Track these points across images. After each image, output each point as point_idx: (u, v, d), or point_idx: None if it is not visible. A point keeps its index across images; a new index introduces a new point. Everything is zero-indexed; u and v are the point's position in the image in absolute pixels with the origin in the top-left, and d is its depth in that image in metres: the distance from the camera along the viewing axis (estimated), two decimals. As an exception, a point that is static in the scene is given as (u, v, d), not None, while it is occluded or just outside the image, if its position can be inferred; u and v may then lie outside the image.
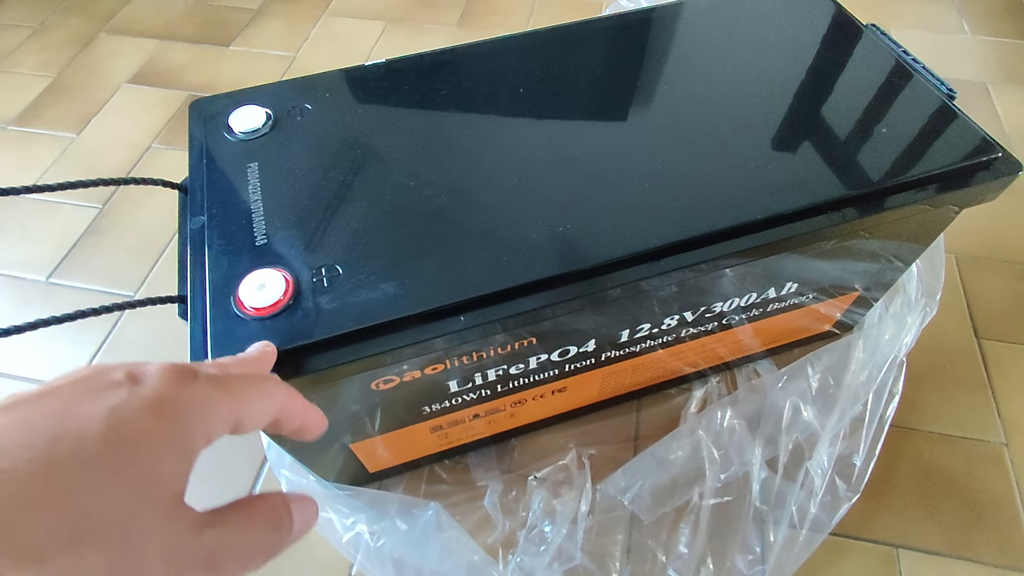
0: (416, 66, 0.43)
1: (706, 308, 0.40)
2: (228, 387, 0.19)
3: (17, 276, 0.62)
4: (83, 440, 0.15)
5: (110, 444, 0.15)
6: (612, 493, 0.45)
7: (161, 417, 0.16)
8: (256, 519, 0.18)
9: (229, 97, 0.41)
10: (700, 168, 0.36)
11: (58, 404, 0.15)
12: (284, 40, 0.84)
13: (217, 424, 0.18)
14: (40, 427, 0.15)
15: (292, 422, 0.22)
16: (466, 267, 0.32)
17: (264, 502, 0.19)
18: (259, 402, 0.20)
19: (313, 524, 0.21)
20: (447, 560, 0.40)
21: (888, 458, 0.47)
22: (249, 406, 0.19)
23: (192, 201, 0.36)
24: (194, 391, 0.17)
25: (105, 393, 0.16)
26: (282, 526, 0.19)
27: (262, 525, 0.19)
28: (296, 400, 0.22)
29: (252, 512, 0.18)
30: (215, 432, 0.18)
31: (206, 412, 0.17)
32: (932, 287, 0.48)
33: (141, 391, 0.16)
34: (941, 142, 0.37)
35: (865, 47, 0.43)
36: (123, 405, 0.16)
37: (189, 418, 0.17)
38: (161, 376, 0.17)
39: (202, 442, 0.17)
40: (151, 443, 0.16)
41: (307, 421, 0.23)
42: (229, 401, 0.18)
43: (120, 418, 0.16)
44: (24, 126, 0.75)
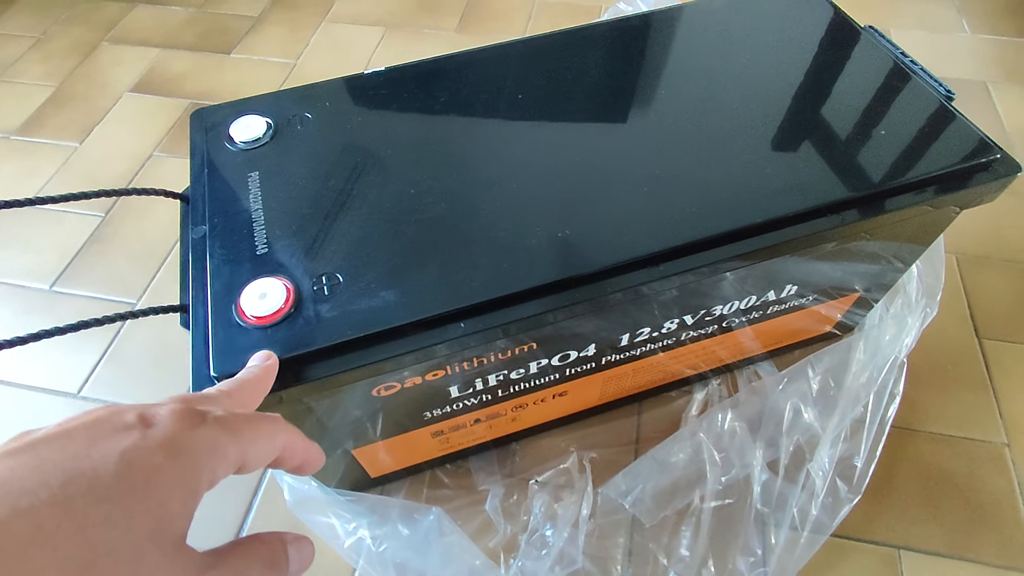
0: (415, 74, 0.43)
1: (706, 311, 0.40)
2: (234, 430, 0.19)
3: (21, 285, 0.62)
4: (96, 479, 0.15)
5: (122, 483, 0.16)
6: (613, 496, 0.45)
7: (171, 458, 0.17)
8: (254, 560, 0.19)
9: (230, 107, 0.41)
10: (700, 172, 0.36)
11: (72, 446, 0.16)
12: (284, 47, 0.85)
13: (223, 466, 0.18)
14: (55, 468, 0.15)
15: (293, 460, 0.22)
16: (466, 274, 0.32)
17: (262, 543, 0.20)
18: (263, 443, 0.20)
19: (309, 564, 0.21)
20: (449, 565, 0.40)
21: (889, 459, 0.47)
22: (254, 448, 0.20)
23: (193, 211, 0.36)
24: (202, 434, 0.18)
25: (118, 435, 0.17)
26: (279, 567, 0.20)
27: (260, 566, 0.19)
28: (297, 439, 0.22)
29: (250, 554, 0.19)
30: (220, 474, 0.18)
31: (213, 455, 0.18)
32: (932, 287, 0.48)
33: (153, 434, 0.17)
34: (940, 144, 0.37)
35: (863, 50, 0.43)
36: (136, 447, 0.16)
37: (198, 460, 0.17)
38: (171, 419, 0.18)
39: (207, 484, 0.18)
40: (161, 483, 0.16)
41: (307, 458, 0.23)
42: (235, 444, 0.19)
43: (132, 459, 0.16)
44: (27, 136, 0.76)
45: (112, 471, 0.16)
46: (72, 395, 0.54)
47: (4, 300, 0.61)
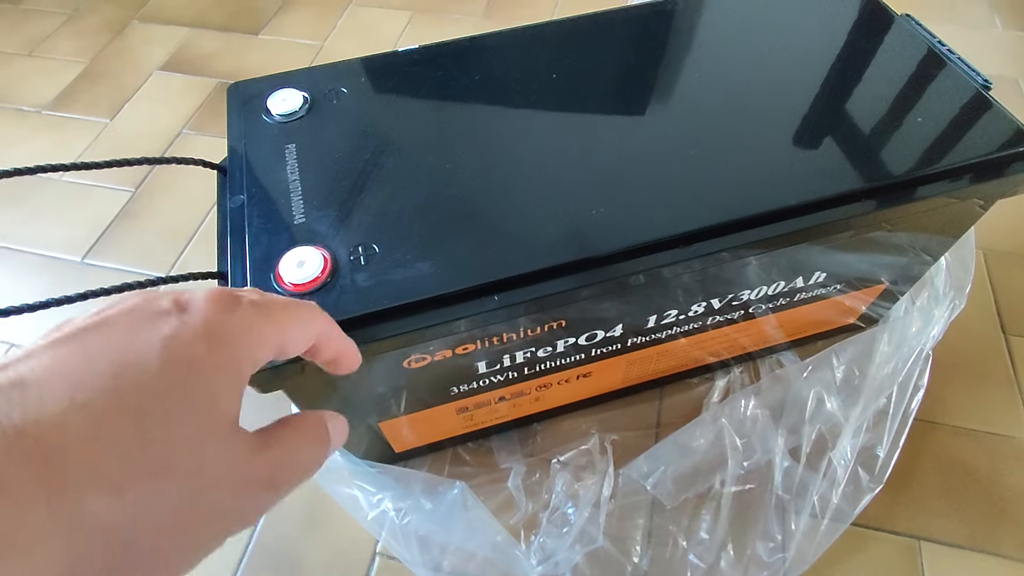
0: (449, 52, 0.43)
1: (734, 296, 0.40)
2: (271, 312, 0.19)
3: (54, 256, 0.63)
4: (144, 370, 0.15)
5: (168, 373, 0.15)
6: (635, 478, 0.45)
7: (212, 344, 0.16)
8: (303, 435, 0.20)
9: (267, 80, 0.42)
10: (730, 155, 0.36)
11: (115, 336, 0.16)
12: (312, 29, 0.85)
13: (263, 349, 0.18)
14: (102, 358, 0.15)
15: (328, 350, 0.22)
16: (500, 248, 0.32)
17: (306, 421, 0.20)
18: (300, 326, 0.20)
19: (344, 439, 0.22)
20: (472, 539, 0.41)
21: (911, 451, 0.47)
22: (291, 331, 0.20)
23: (231, 181, 0.37)
24: (239, 318, 0.18)
25: (156, 322, 0.16)
26: (323, 441, 0.20)
27: (309, 442, 0.20)
28: (334, 328, 0.22)
29: (299, 429, 0.20)
30: (262, 356, 0.18)
31: (252, 337, 0.18)
32: (961, 280, 0.47)
33: (190, 319, 0.17)
34: (977, 132, 0.36)
35: (899, 36, 0.42)
36: (175, 334, 0.16)
37: (238, 344, 0.17)
38: (207, 303, 0.17)
39: (250, 367, 0.18)
40: (206, 370, 0.16)
41: (342, 352, 0.23)
42: (273, 326, 0.19)
43: (174, 347, 0.16)
44: (58, 111, 0.77)
45: (156, 362, 0.15)
46: (102, 364, 0.56)
47: (37, 270, 0.62)
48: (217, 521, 0.16)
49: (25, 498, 0.13)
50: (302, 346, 0.21)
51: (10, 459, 0.13)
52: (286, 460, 0.18)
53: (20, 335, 0.58)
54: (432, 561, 0.43)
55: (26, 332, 0.58)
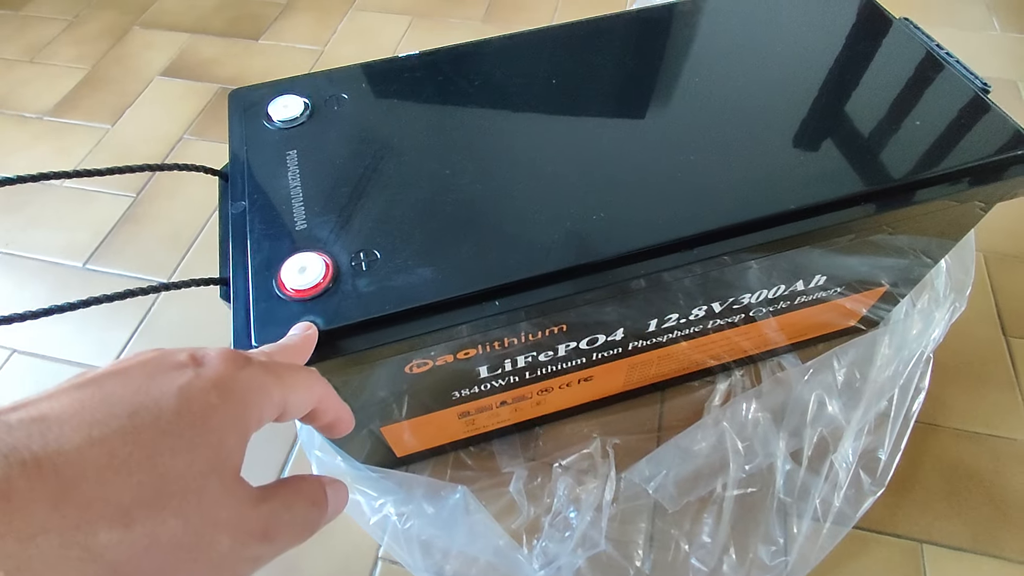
0: (450, 57, 0.43)
1: (734, 299, 0.40)
2: (278, 374, 0.20)
3: (55, 262, 0.63)
4: (160, 413, 0.16)
5: (182, 418, 0.16)
6: (637, 481, 0.45)
7: (224, 396, 0.18)
8: (300, 497, 0.20)
9: (268, 87, 0.42)
10: (731, 159, 0.36)
11: (132, 382, 0.17)
12: (312, 34, 0.85)
13: (269, 407, 0.19)
14: (120, 401, 0.16)
15: (327, 415, 0.23)
16: (501, 253, 0.33)
17: (306, 482, 0.21)
18: (302, 391, 0.21)
19: (344, 506, 0.22)
20: (474, 543, 0.41)
21: (913, 454, 0.47)
22: (294, 393, 0.21)
23: (233, 187, 0.37)
24: (251, 375, 0.19)
25: (173, 373, 0.17)
26: (321, 505, 0.21)
27: (305, 503, 0.20)
28: (331, 394, 0.23)
29: (297, 490, 0.20)
30: (267, 415, 0.19)
31: (261, 395, 0.19)
32: (962, 282, 0.48)
33: (205, 372, 0.18)
34: (976, 135, 0.36)
35: (897, 40, 0.43)
36: (191, 384, 0.17)
37: (247, 399, 0.18)
38: (221, 359, 0.19)
39: (256, 422, 0.19)
40: (217, 419, 0.17)
41: (339, 416, 0.24)
42: (279, 387, 0.20)
43: (189, 396, 0.17)
44: (60, 117, 0.77)
45: (173, 407, 0.16)
46: (104, 370, 0.56)
47: (39, 276, 0.62)
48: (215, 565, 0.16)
49: (40, 524, 0.13)
50: (303, 409, 0.22)
51: (29, 485, 0.13)
52: (281, 516, 0.19)
53: (21, 341, 0.58)
54: (434, 566, 0.43)
55: (28, 338, 0.58)
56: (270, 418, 0.20)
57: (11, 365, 0.56)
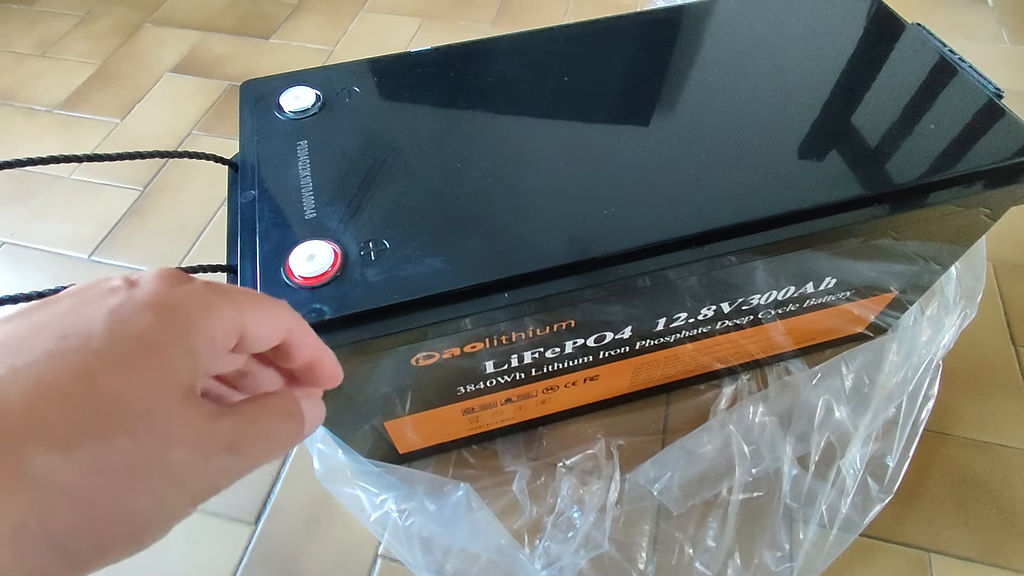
0: (462, 54, 0.43)
1: (744, 300, 0.40)
2: (228, 293, 0.18)
3: (60, 253, 0.63)
4: (90, 335, 0.15)
5: (115, 339, 0.15)
6: (641, 483, 0.45)
7: (160, 314, 0.16)
8: (268, 409, 0.19)
9: (280, 78, 0.42)
10: (741, 159, 0.36)
11: (60, 310, 0.16)
12: (323, 34, 0.86)
13: (219, 324, 0.18)
14: (46, 328, 0.15)
15: (302, 352, 0.21)
16: (511, 246, 0.32)
17: (275, 395, 0.20)
18: (263, 314, 0.19)
19: (322, 419, 0.21)
20: (476, 541, 0.41)
21: (921, 462, 0.47)
22: (253, 315, 0.19)
23: (243, 176, 0.37)
24: (191, 291, 0.17)
25: (104, 297, 0.16)
26: (294, 417, 0.20)
27: (275, 415, 0.19)
28: (307, 330, 0.21)
29: (264, 404, 0.19)
30: (219, 332, 0.18)
31: (206, 312, 0.17)
32: (972, 289, 0.47)
33: (138, 293, 0.16)
34: (991, 139, 0.36)
35: (910, 44, 0.42)
36: (122, 306, 0.16)
37: (189, 316, 0.17)
38: (156, 278, 0.17)
39: (205, 341, 0.17)
40: (154, 338, 0.16)
41: (319, 359, 0.22)
42: (230, 306, 0.18)
43: (121, 317, 0.16)
44: (69, 110, 0.77)
45: (103, 327, 0.15)
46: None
47: (44, 267, 0.62)
48: (178, 483, 0.16)
49: None
50: (267, 336, 0.20)
51: None
52: (247, 428, 0.18)
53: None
54: (435, 564, 0.43)
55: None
56: (226, 340, 0.18)
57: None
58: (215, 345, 0.17)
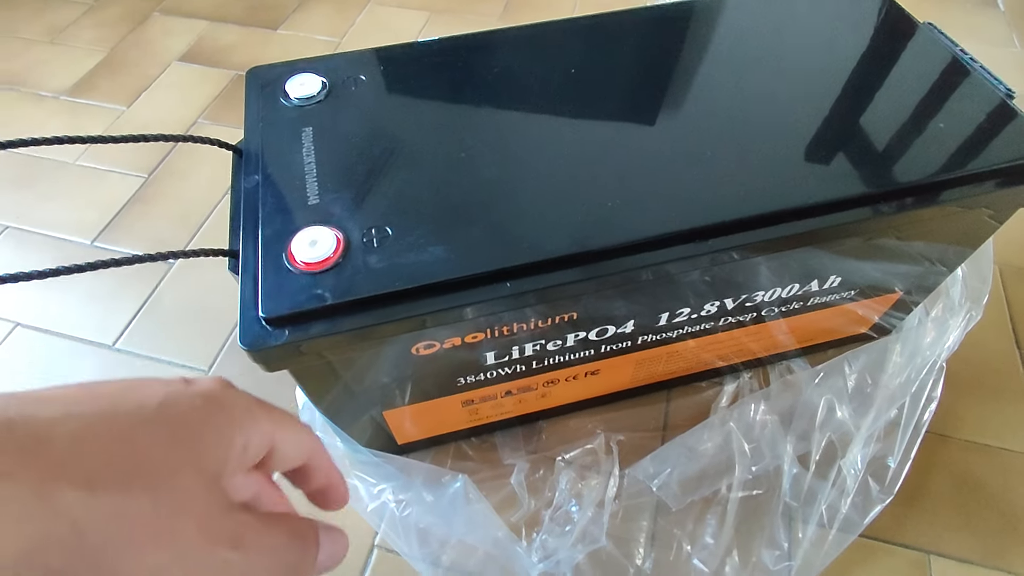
0: (469, 44, 0.43)
1: (747, 296, 0.40)
2: (267, 408, 0.20)
3: (64, 238, 0.63)
4: (142, 406, 0.17)
5: (164, 413, 0.17)
6: (640, 478, 0.44)
7: (208, 404, 0.18)
8: (285, 524, 0.19)
9: (286, 65, 0.42)
10: (747, 156, 0.36)
11: (120, 385, 0.17)
12: (330, 26, 0.86)
13: (254, 433, 0.19)
14: (104, 395, 0.17)
15: (318, 475, 0.22)
16: (515, 236, 0.32)
17: (296, 516, 0.20)
18: (294, 434, 0.20)
19: (340, 559, 0.21)
20: (473, 532, 0.40)
21: (923, 463, 0.47)
22: (286, 432, 0.20)
23: (247, 162, 0.37)
24: (239, 396, 0.19)
25: (161, 385, 0.18)
26: (307, 541, 0.19)
27: (289, 532, 0.19)
28: (326, 456, 0.22)
29: (282, 517, 0.19)
30: (253, 443, 0.19)
31: (247, 415, 0.19)
32: (978, 291, 0.47)
33: (193, 387, 0.18)
34: (1003, 139, 0.36)
35: (921, 43, 0.42)
36: (179, 391, 0.18)
37: (233, 414, 0.18)
38: (211, 380, 0.19)
39: (241, 442, 0.18)
40: (198, 420, 0.17)
41: (331, 481, 0.23)
42: (268, 418, 0.19)
43: (174, 399, 0.17)
44: (76, 97, 0.77)
45: (156, 403, 0.17)
46: (108, 347, 0.55)
47: (46, 252, 0.62)
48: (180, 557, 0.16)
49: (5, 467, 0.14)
50: (293, 456, 0.21)
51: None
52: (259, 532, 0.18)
53: (25, 315, 0.58)
54: (431, 555, 0.43)
55: (31, 312, 0.58)
56: (257, 450, 0.19)
57: (14, 338, 0.56)
58: (248, 452, 0.19)
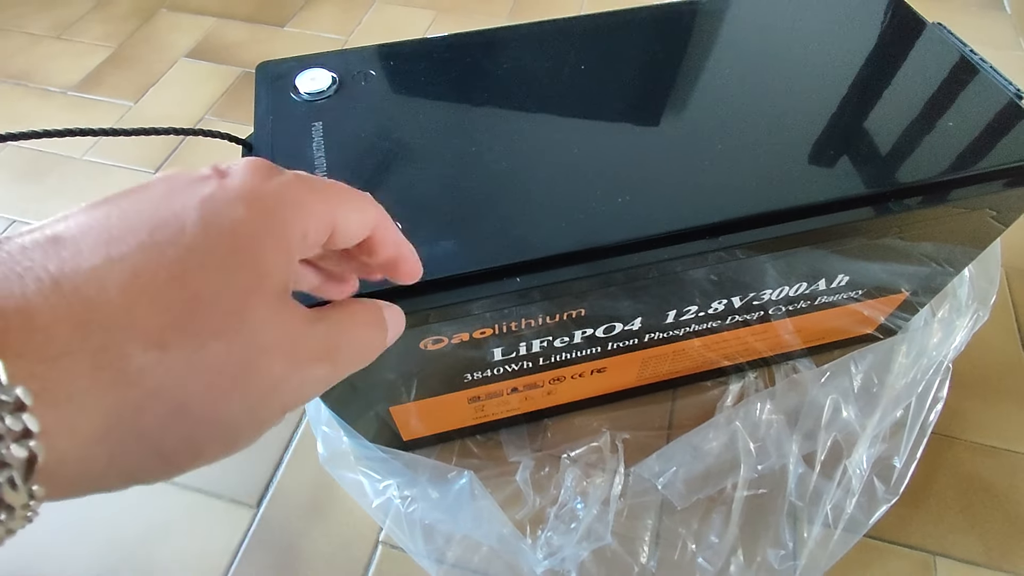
0: (479, 40, 0.43)
1: (754, 295, 0.40)
2: (319, 188, 0.18)
3: (71, 232, 0.63)
4: (183, 228, 0.14)
5: (208, 233, 0.15)
6: (646, 477, 0.44)
7: (253, 207, 0.16)
8: (357, 318, 0.19)
9: (296, 60, 0.42)
10: (756, 153, 0.36)
11: (151, 198, 0.15)
12: (337, 24, 0.86)
13: (311, 221, 0.17)
14: (137, 217, 0.14)
15: (386, 247, 0.20)
16: (525, 230, 0.32)
17: (361, 304, 0.20)
18: (353, 208, 0.18)
19: (401, 329, 0.21)
20: (479, 529, 0.40)
21: (929, 464, 0.46)
22: (343, 209, 0.18)
23: (256, 155, 0.37)
24: (283, 185, 0.17)
25: (195, 186, 0.16)
26: (379, 326, 0.20)
27: (363, 323, 0.19)
28: (392, 225, 0.20)
29: (352, 311, 0.19)
30: (311, 229, 0.17)
31: (298, 208, 0.17)
32: (985, 292, 0.47)
33: (230, 183, 0.16)
34: (1011, 139, 0.36)
35: (930, 42, 0.42)
36: (214, 196, 0.15)
37: (282, 211, 0.16)
38: (247, 169, 0.16)
39: (299, 239, 0.16)
40: (248, 233, 0.15)
41: (402, 254, 0.21)
42: (322, 201, 0.17)
43: (214, 208, 0.15)
44: (83, 92, 0.78)
45: (196, 220, 0.15)
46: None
47: (54, 245, 0.62)
48: (271, 390, 0.15)
49: (63, 344, 0.12)
50: (357, 231, 0.19)
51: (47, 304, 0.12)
52: (340, 335, 0.17)
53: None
54: (436, 552, 0.43)
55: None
56: (318, 237, 0.17)
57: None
58: (307, 241, 0.17)
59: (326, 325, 0.17)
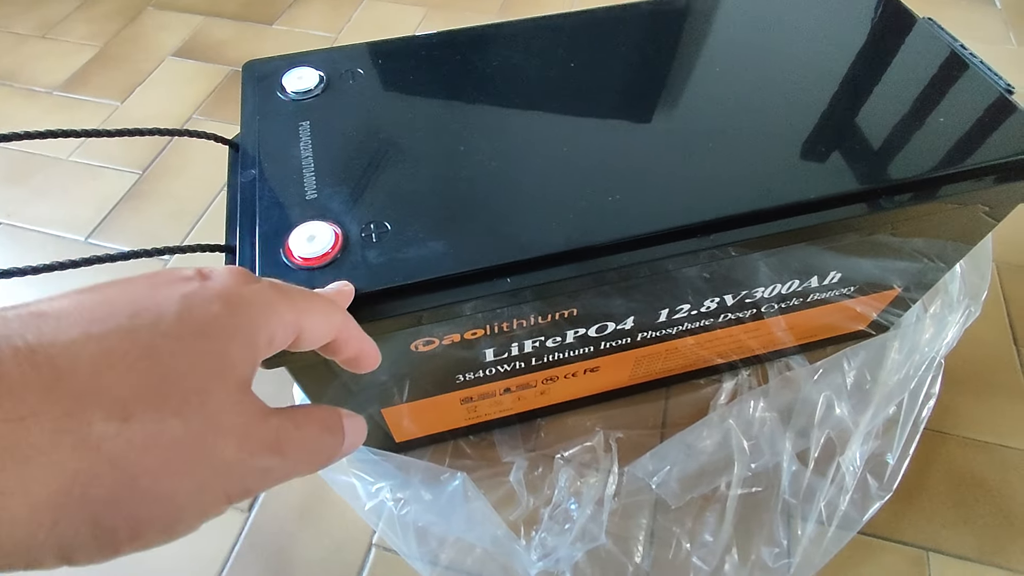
0: (468, 38, 0.43)
1: (746, 293, 0.40)
2: (289, 295, 0.19)
3: (58, 235, 0.63)
4: (160, 317, 0.16)
5: (183, 323, 0.16)
6: (640, 476, 0.44)
7: (228, 307, 0.17)
8: (313, 419, 0.19)
9: (283, 59, 0.41)
10: (747, 150, 0.36)
11: (135, 289, 0.17)
12: (326, 21, 0.85)
13: (279, 327, 0.19)
14: (120, 303, 0.16)
15: (348, 347, 0.22)
16: (515, 230, 0.32)
17: (319, 408, 0.20)
18: (319, 317, 0.20)
19: (361, 440, 0.22)
20: (472, 530, 0.40)
21: (921, 460, 0.47)
22: (309, 318, 0.20)
23: (243, 156, 0.37)
24: (258, 290, 0.18)
25: (177, 284, 0.17)
26: (335, 431, 0.20)
27: (319, 426, 0.19)
28: (353, 326, 0.22)
29: (309, 412, 0.20)
30: (277, 334, 0.18)
31: (269, 312, 0.18)
32: (976, 288, 0.47)
33: (210, 284, 0.17)
34: (1001, 134, 0.36)
35: (920, 37, 0.42)
36: (194, 293, 0.17)
37: (253, 313, 0.18)
38: (227, 274, 0.18)
39: (265, 338, 0.18)
40: (220, 327, 0.17)
41: (362, 350, 0.23)
42: (291, 308, 0.19)
43: (192, 303, 0.17)
44: (69, 92, 0.77)
45: (174, 312, 0.16)
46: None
47: (40, 248, 0.62)
48: (219, 474, 0.16)
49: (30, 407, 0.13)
50: (321, 337, 0.21)
51: (20, 370, 0.13)
52: (294, 430, 0.18)
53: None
54: (429, 554, 0.42)
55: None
56: (283, 340, 0.19)
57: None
58: (272, 344, 0.18)
59: (280, 419, 0.18)
